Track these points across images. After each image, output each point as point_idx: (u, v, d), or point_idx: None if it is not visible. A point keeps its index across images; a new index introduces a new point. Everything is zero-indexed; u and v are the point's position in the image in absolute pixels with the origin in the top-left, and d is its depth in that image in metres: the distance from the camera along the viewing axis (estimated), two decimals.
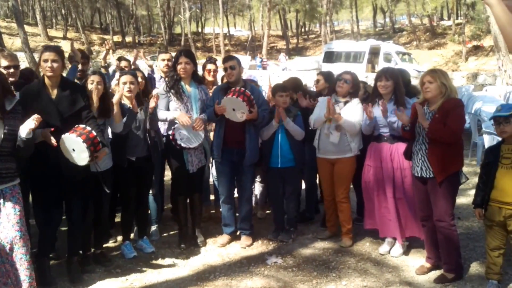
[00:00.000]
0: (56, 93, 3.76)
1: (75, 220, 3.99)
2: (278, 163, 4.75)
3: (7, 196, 3.39)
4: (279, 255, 4.54)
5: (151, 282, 4.03)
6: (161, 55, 5.59)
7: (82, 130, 3.57)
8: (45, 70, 3.71)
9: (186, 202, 4.82)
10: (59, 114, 3.70)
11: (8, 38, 25.43)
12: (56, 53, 3.76)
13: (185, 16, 45.28)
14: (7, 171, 3.35)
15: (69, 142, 3.53)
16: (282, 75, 17.78)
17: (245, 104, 4.35)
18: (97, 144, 3.61)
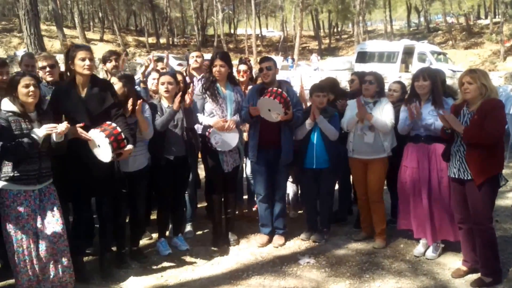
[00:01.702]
0: (86, 91, 3.82)
1: (105, 217, 4.09)
2: (313, 164, 4.74)
3: (47, 194, 3.60)
4: (312, 255, 4.54)
5: (185, 279, 4.09)
6: (191, 53, 5.69)
7: (107, 126, 3.65)
8: (83, 68, 3.73)
9: (221, 201, 4.87)
10: (88, 112, 3.77)
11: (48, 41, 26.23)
12: (90, 51, 3.86)
13: (218, 17, 45.62)
14: (46, 170, 3.55)
15: (94, 138, 3.62)
16: (314, 76, 17.69)
17: (281, 106, 4.37)
18: (121, 141, 3.65)
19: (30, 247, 3.47)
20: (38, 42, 9.79)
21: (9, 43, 35.78)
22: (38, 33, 9.95)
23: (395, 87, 5.12)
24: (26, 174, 3.42)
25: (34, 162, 3.44)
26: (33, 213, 3.47)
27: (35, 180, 3.47)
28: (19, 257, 3.46)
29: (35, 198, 3.49)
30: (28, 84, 3.42)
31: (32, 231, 3.46)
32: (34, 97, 3.45)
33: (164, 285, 3.99)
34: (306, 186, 4.98)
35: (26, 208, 3.44)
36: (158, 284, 4.00)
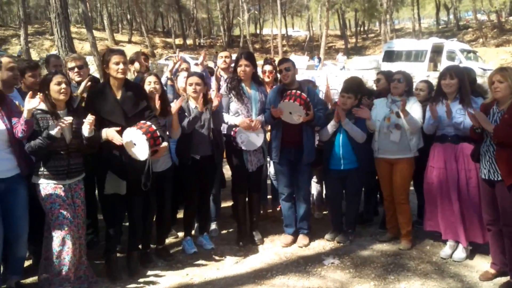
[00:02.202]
0: (121, 94, 3.94)
1: (135, 217, 4.17)
2: (340, 165, 4.71)
3: (75, 189, 3.74)
4: (336, 256, 4.52)
5: (210, 277, 4.13)
6: (220, 53, 5.73)
7: (143, 124, 3.75)
8: (117, 71, 3.87)
9: (245, 201, 4.90)
10: (124, 114, 3.88)
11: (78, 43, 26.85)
12: (124, 56, 3.98)
13: (243, 18, 45.78)
14: (76, 166, 3.70)
15: (130, 135, 3.71)
16: (340, 75, 17.57)
17: (301, 108, 4.38)
18: (157, 138, 3.75)
19: (66, 236, 3.59)
20: (68, 44, 10.01)
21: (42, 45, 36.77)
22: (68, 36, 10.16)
23: (421, 86, 5.05)
24: (56, 170, 3.57)
25: (62, 158, 3.59)
26: (64, 204, 3.61)
27: (64, 175, 3.63)
28: (53, 246, 3.58)
29: (65, 191, 3.64)
30: (60, 81, 3.57)
31: (68, 220, 3.60)
32: (65, 94, 3.60)
33: (189, 283, 4.03)
34: (331, 187, 4.95)
35: (57, 199, 3.58)
36: (183, 282, 4.05)
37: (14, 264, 3.68)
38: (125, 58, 3.96)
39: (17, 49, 34.51)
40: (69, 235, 3.59)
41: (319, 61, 31.74)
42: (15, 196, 3.51)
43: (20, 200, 3.54)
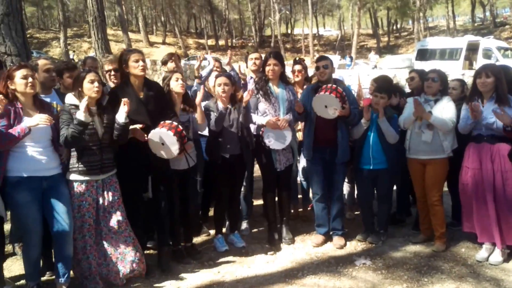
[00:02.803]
0: (143, 93, 4.02)
1: (161, 213, 4.23)
2: (370, 165, 4.68)
3: (108, 185, 3.82)
4: (368, 256, 4.48)
5: (241, 276, 4.16)
6: (250, 55, 5.78)
7: (170, 124, 3.82)
8: (137, 69, 3.95)
9: (275, 200, 4.92)
10: (148, 113, 3.96)
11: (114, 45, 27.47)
12: (142, 54, 4.08)
13: (275, 18, 45.81)
14: (108, 162, 3.78)
15: (159, 136, 3.78)
16: (371, 74, 17.37)
17: (338, 100, 4.33)
18: (184, 137, 3.85)
19: (88, 235, 3.71)
20: (105, 46, 10.31)
21: (80, 47, 37.82)
22: (105, 38, 10.47)
23: (454, 85, 4.96)
24: (89, 165, 3.66)
25: (95, 153, 3.68)
26: (94, 203, 3.71)
27: (98, 170, 3.71)
28: (79, 244, 3.70)
29: (97, 188, 3.73)
30: (93, 80, 3.67)
31: (92, 219, 3.71)
32: (98, 92, 3.69)
33: (220, 281, 4.07)
34: (362, 187, 4.91)
35: (88, 197, 3.68)
36: (215, 279, 4.09)
37: (61, 266, 3.65)
38: (143, 56, 4.05)
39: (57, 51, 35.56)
40: (92, 234, 3.71)
41: (351, 60, 31.42)
42: (58, 194, 3.59)
43: (63, 197, 3.61)
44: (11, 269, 4.27)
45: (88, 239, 3.72)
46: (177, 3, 49.18)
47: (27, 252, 3.62)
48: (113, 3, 38.15)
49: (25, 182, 3.44)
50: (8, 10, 4.62)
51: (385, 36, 50.92)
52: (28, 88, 3.47)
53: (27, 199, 3.45)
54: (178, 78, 4.25)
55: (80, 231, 3.69)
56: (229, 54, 5.88)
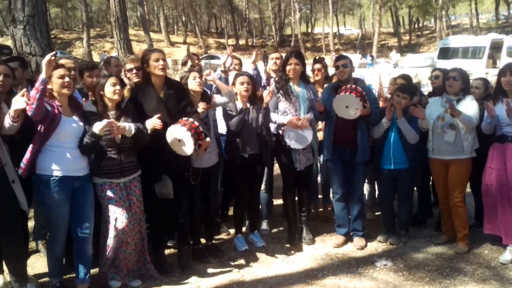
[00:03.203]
0: (163, 92, 4.06)
1: (182, 211, 4.26)
2: (390, 165, 4.63)
3: (130, 187, 3.86)
4: (389, 257, 4.44)
5: (261, 275, 4.16)
6: (271, 54, 5.77)
7: (186, 121, 3.85)
8: (158, 68, 3.99)
9: (295, 200, 4.91)
10: (168, 111, 3.99)
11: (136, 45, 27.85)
12: (163, 53, 4.11)
13: (295, 17, 45.71)
14: (129, 165, 3.81)
15: (175, 132, 3.81)
16: (393, 73, 17.20)
17: (358, 100, 4.31)
18: (200, 134, 3.86)
19: (120, 232, 3.74)
20: (127, 46, 10.47)
21: (103, 48, 38.37)
22: (127, 38, 10.62)
23: (477, 84, 4.88)
24: (109, 168, 3.70)
25: (114, 158, 3.72)
26: (120, 201, 3.75)
27: (118, 173, 3.74)
28: (107, 242, 3.74)
29: (121, 189, 3.77)
30: (115, 83, 3.73)
31: (123, 216, 3.74)
32: (119, 95, 3.74)
33: (240, 280, 4.08)
34: (383, 187, 4.87)
35: (113, 195, 3.73)
36: (235, 279, 4.10)
37: (82, 266, 3.67)
38: (164, 56, 4.08)
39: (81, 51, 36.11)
40: (124, 231, 3.73)
41: (372, 59, 31.19)
42: (85, 194, 3.64)
43: (89, 198, 3.66)
44: (35, 266, 4.34)
45: (121, 235, 3.75)
46: (198, 3, 49.50)
47: (52, 249, 3.68)
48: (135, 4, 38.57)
49: (58, 181, 3.47)
50: (34, 11, 4.72)
51: (406, 35, 50.36)
52: (65, 89, 3.51)
53: (60, 198, 3.49)
54: (195, 77, 4.27)
55: (109, 228, 3.73)
56: (255, 53, 5.87)
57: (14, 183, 3.40)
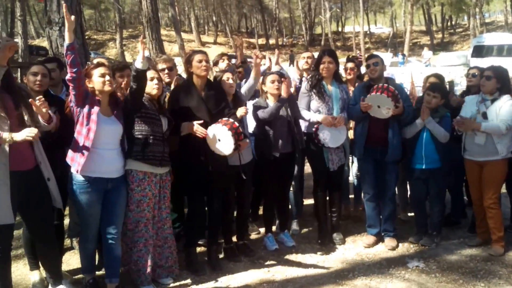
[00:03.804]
0: (204, 92, 4.13)
1: (215, 210, 4.30)
2: (422, 164, 4.56)
3: (165, 181, 3.92)
4: (421, 259, 4.38)
5: (291, 275, 4.16)
6: (303, 54, 5.76)
7: (226, 121, 3.89)
8: (201, 69, 4.07)
9: (326, 200, 4.89)
10: (208, 111, 4.06)
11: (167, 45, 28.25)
12: (206, 55, 4.18)
13: (325, 16, 45.41)
14: (167, 156, 3.86)
15: (215, 132, 3.86)
16: (425, 72, 16.87)
17: (390, 99, 4.27)
18: (240, 134, 3.89)
19: (145, 229, 3.79)
20: (159, 46, 10.61)
21: (135, 48, 38.99)
22: (159, 38, 10.77)
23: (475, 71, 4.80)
24: (153, 154, 3.71)
25: (159, 144, 3.75)
26: (153, 198, 3.79)
27: (158, 162, 3.75)
28: (135, 238, 3.79)
29: (156, 183, 3.80)
30: (153, 77, 3.80)
31: (150, 214, 3.79)
32: (158, 89, 3.81)
33: (271, 279, 4.08)
34: (415, 187, 4.80)
35: (148, 192, 3.75)
36: (265, 278, 4.11)
37: (111, 265, 3.73)
38: (207, 57, 4.15)
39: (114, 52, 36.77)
40: (148, 228, 3.78)
41: (403, 57, 30.66)
42: (118, 196, 3.66)
43: (121, 200, 3.68)
44: (70, 263, 4.45)
45: (144, 233, 3.78)
46: (228, 3, 49.74)
47: (84, 246, 3.75)
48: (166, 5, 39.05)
49: (93, 182, 3.49)
50: None
51: (439, 33, 49.31)
52: (106, 86, 3.53)
53: (92, 199, 3.53)
54: (228, 78, 4.32)
55: (136, 225, 3.76)
56: (277, 53, 5.88)
57: (50, 181, 3.44)
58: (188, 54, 4.26)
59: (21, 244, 4.21)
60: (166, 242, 3.99)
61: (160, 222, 3.94)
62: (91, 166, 3.47)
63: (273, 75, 4.54)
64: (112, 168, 3.58)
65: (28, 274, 4.05)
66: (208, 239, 4.45)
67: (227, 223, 4.50)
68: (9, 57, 2.89)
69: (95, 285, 3.76)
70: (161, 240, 3.97)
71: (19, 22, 23.84)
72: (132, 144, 3.69)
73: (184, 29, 48.26)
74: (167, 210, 3.97)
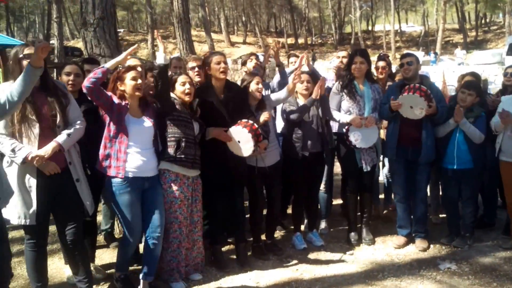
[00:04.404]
0: (224, 94, 4.15)
1: (239, 210, 4.32)
2: (453, 164, 4.48)
3: (196, 184, 3.96)
4: (453, 260, 4.30)
5: (319, 274, 4.15)
6: (338, 53, 5.72)
7: (246, 123, 3.92)
8: (219, 71, 4.07)
9: (356, 200, 4.85)
10: (227, 113, 4.08)
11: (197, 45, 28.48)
12: (224, 56, 4.18)
13: (355, 15, 44.97)
14: (198, 158, 3.89)
15: (235, 134, 3.90)
16: (457, 71, 16.48)
17: (423, 99, 4.19)
18: (259, 136, 3.92)
19: (179, 231, 3.83)
20: (189, 47, 10.74)
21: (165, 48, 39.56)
22: (189, 39, 10.91)
23: None
24: (186, 156, 3.75)
25: (191, 147, 3.78)
26: (185, 200, 3.82)
27: (190, 164, 3.79)
28: (168, 239, 3.83)
29: (188, 186, 3.84)
30: (184, 82, 3.83)
31: (183, 216, 3.82)
32: (189, 94, 3.83)
33: (299, 278, 4.08)
34: (447, 188, 4.72)
35: (180, 194, 3.78)
36: (293, 277, 4.11)
37: (149, 264, 3.73)
38: (225, 59, 4.15)
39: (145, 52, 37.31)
40: (182, 230, 3.82)
41: (435, 56, 30.08)
42: (155, 194, 3.70)
43: (159, 197, 3.71)
44: (102, 257, 4.55)
45: (178, 235, 3.82)
46: (258, 3, 49.83)
47: (124, 249, 3.76)
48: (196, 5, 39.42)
49: (131, 182, 3.54)
50: (103, 14, 4.91)
51: (472, 31, 48.10)
52: (137, 92, 3.57)
53: (132, 199, 3.56)
54: (258, 82, 4.30)
55: (170, 226, 3.79)
56: (305, 54, 5.87)
57: (79, 182, 3.47)
58: (206, 56, 4.24)
59: (56, 239, 4.34)
60: (195, 244, 4.05)
61: (191, 225, 3.98)
62: (127, 167, 3.52)
63: (304, 75, 4.52)
64: (147, 167, 3.62)
65: (63, 267, 4.17)
66: (236, 237, 4.49)
67: (256, 221, 4.52)
68: (44, 58, 2.96)
69: (126, 281, 3.81)
70: (191, 243, 4.01)
71: (55, 24, 24.47)
72: (165, 146, 3.74)
73: (214, 29, 48.61)
74: (198, 213, 4.01)
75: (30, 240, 3.43)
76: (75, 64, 4.04)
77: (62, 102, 3.35)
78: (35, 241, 3.42)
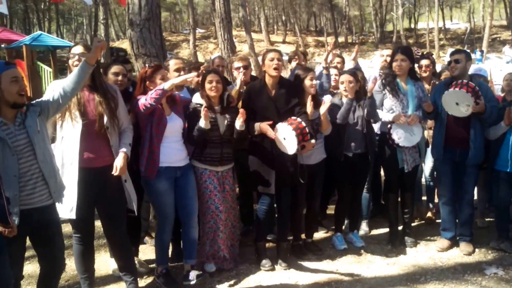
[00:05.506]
0: (275, 91, 4.18)
1: (283, 208, 4.34)
2: (507, 167, 4.33)
3: (226, 177, 4.11)
4: (500, 266, 4.17)
5: (360, 275, 4.12)
6: (382, 51, 5.65)
7: (293, 120, 3.94)
8: (271, 68, 4.12)
9: (398, 201, 4.77)
10: (277, 110, 4.11)
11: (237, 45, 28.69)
12: (279, 53, 4.22)
13: (397, 13, 44.05)
14: (227, 155, 4.07)
15: (281, 130, 3.92)
16: (505, 69, 15.86)
17: (469, 95, 4.07)
18: (306, 135, 3.91)
19: (213, 221, 4.00)
20: (230, 46, 10.84)
21: (206, 48, 40.02)
22: (230, 39, 11.01)
23: None
24: (210, 156, 3.99)
25: (216, 146, 3.99)
26: (215, 191, 4.00)
27: (217, 162, 4.02)
28: (204, 229, 4.03)
29: (218, 178, 4.04)
30: (211, 80, 3.95)
31: (214, 206, 3.98)
32: (216, 91, 3.95)
33: (339, 279, 4.06)
34: (499, 190, 4.53)
35: (209, 185, 3.99)
36: (333, 277, 4.10)
37: (188, 248, 3.97)
38: (280, 56, 4.18)
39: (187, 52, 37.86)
40: (216, 219, 3.98)
41: (481, 54, 29.04)
42: (187, 181, 3.90)
43: (191, 184, 3.92)
44: (146, 252, 4.68)
45: (212, 224, 4.01)
46: (298, 2, 49.61)
47: (160, 238, 3.93)
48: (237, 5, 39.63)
49: (164, 172, 3.75)
50: (149, 15, 5.05)
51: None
52: None
53: (165, 187, 3.78)
54: (312, 78, 4.31)
55: (204, 216, 4.01)
56: (356, 49, 5.81)
57: (127, 182, 3.62)
58: (264, 53, 4.33)
59: (103, 234, 4.46)
60: (229, 235, 4.19)
61: (229, 217, 4.16)
62: (160, 158, 3.74)
63: (344, 76, 4.48)
64: (178, 157, 3.85)
65: (109, 260, 4.31)
66: (277, 236, 4.51)
67: (296, 220, 4.53)
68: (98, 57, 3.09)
69: (167, 275, 3.95)
70: (226, 233, 4.12)
71: (102, 25, 25.25)
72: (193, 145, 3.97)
73: (254, 29, 48.73)
74: (234, 205, 4.19)
75: (76, 234, 3.59)
76: (120, 64, 4.17)
77: (110, 104, 3.47)
78: (80, 236, 3.57)
